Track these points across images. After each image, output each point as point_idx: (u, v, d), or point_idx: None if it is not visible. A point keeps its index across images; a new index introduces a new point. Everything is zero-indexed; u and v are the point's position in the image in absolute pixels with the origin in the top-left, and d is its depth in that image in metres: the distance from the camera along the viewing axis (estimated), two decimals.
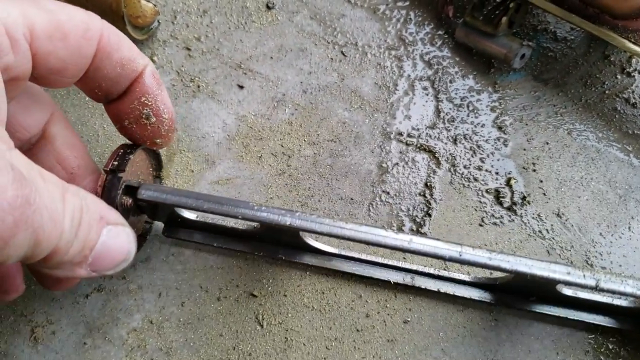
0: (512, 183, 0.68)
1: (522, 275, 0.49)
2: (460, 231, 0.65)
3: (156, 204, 0.54)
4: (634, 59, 0.76)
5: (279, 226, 0.51)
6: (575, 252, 0.64)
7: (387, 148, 0.70)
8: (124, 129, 0.52)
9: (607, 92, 0.74)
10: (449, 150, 0.70)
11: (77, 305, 0.60)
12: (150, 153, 0.58)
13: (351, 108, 0.72)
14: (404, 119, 0.72)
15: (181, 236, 0.61)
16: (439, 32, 0.78)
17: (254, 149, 0.69)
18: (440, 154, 0.69)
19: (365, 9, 0.80)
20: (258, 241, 0.61)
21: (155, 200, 0.52)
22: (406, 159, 0.69)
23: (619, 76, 0.75)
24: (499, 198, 0.67)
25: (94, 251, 0.41)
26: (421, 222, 0.65)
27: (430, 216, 0.65)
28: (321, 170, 0.68)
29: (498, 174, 0.68)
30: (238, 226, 0.60)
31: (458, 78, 0.75)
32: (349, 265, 0.61)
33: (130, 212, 0.53)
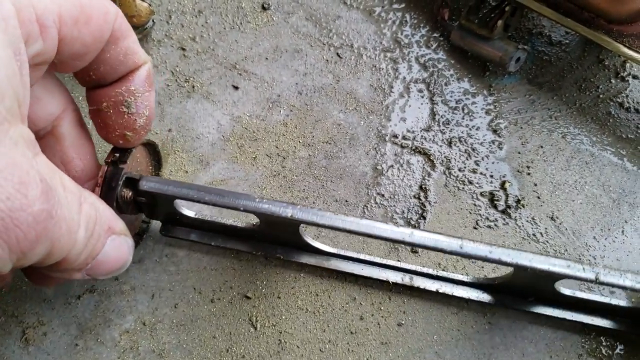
0: (507, 186, 0.68)
1: (522, 270, 0.50)
2: (454, 234, 0.65)
3: (156, 199, 0.53)
4: (628, 64, 0.77)
5: (280, 219, 0.51)
6: (569, 255, 0.64)
7: (382, 150, 0.70)
8: (98, 113, 0.48)
9: (601, 96, 0.75)
10: (444, 153, 0.70)
11: (69, 306, 0.59)
12: (151, 151, 0.58)
13: (346, 110, 0.72)
14: (399, 121, 0.72)
15: (178, 235, 0.61)
16: (435, 35, 0.78)
17: (248, 150, 0.69)
18: (435, 156, 0.69)
19: (360, 11, 0.80)
20: (256, 240, 0.61)
21: (156, 192, 0.51)
22: (401, 161, 0.69)
23: (613, 80, 0.76)
24: (493, 201, 0.67)
25: (95, 259, 0.41)
26: (416, 225, 0.65)
27: (424, 219, 0.65)
28: (316, 172, 0.68)
29: (493, 177, 0.68)
30: (237, 224, 0.59)
31: (453, 81, 0.75)
32: (347, 265, 0.61)
33: (129, 206, 0.53)
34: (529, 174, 0.69)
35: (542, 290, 0.56)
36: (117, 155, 0.50)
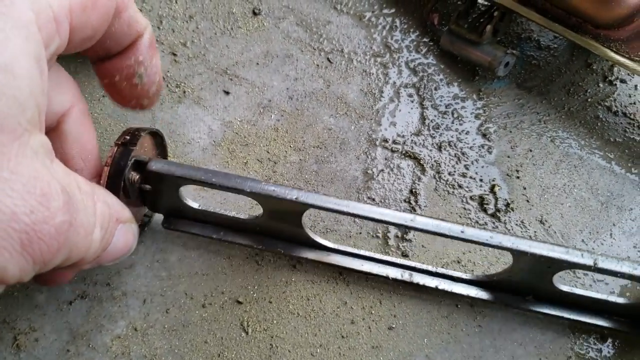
0: (496, 190, 0.68)
1: (521, 257, 0.51)
2: (444, 237, 0.65)
3: (161, 186, 0.54)
4: (615, 68, 0.77)
5: (284, 203, 0.52)
6: None
7: (372, 155, 0.70)
8: (112, 86, 0.48)
9: (589, 100, 0.75)
10: (434, 157, 0.70)
11: (61, 312, 0.59)
12: (158, 141, 0.58)
13: (337, 114, 0.73)
14: (389, 125, 0.72)
15: (180, 227, 0.61)
16: (424, 40, 0.79)
17: (239, 155, 0.69)
18: (425, 160, 0.70)
19: (351, 16, 0.80)
20: (258, 234, 0.61)
21: (164, 173, 0.52)
22: (391, 165, 0.69)
23: (601, 84, 0.76)
24: (483, 205, 0.67)
25: (104, 250, 0.41)
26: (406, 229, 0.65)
27: None
28: (307, 177, 0.68)
29: (482, 180, 0.69)
30: (239, 216, 0.59)
31: (443, 85, 0.76)
32: (347, 261, 0.61)
33: (135, 191, 0.53)
34: (518, 177, 0.70)
35: (540, 286, 0.56)
36: (127, 138, 0.50)
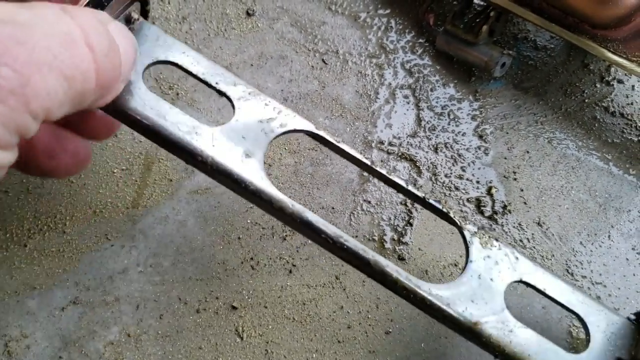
0: (493, 192, 0.68)
1: None
2: (441, 240, 0.65)
3: None
4: (612, 68, 0.77)
5: None
6: (556, 260, 0.64)
7: (368, 157, 0.69)
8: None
9: (586, 100, 0.75)
10: (430, 159, 0.69)
11: (53, 318, 0.58)
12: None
13: (332, 116, 0.72)
14: (385, 127, 0.71)
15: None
16: (420, 40, 0.78)
17: None
18: (422, 162, 0.69)
19: (346, 17, 0.79)
20: None
21: None
22: (387, 167, 0.69)
23: (598, 85, 0.76)
24: (480, 207, 0.67)
25: (121, 62, 0.40)
26: (402, 232, 0.65)
27: (411, 225, 0.65)
28: (302, 179, 0.67)
29: (479, 182, 0.68)
30: None
31: (439, 86, 0.75)
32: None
33: None
34: (515, 179, 0.69)
35: None
36: None
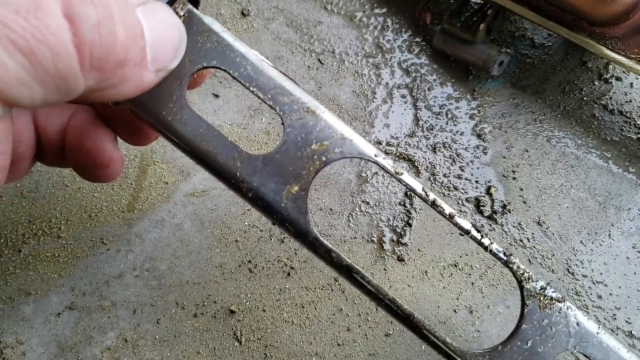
0: (492, 191, 0.67)
1: None
2: (441, 241, 0.64)
3: None
4: (610, 65, 0.76)
5: None
6: (557, 260, 0.64)
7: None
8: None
9: (585, 98, 0.74)
10: (429, 159, 0.69)
11: (49, 324, 0.58)
12: None
13: None
14: (382, 127, 0.71)
15: None
16: (417, 40, 0.77)
17: None
18: (420, 162, 0.68)
19: (342, 16, 0.79)
20: None
21: None
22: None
23: (596, 82, 0.75)
24: (479, 207, 0.66)
25: (146, 44, 0.33)
26: (401, 232, 0.64)
27: (410, 226, 0.64)
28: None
29: (478, 182, 0.68)
30: None
31: (436, 86, 0.74)
32: None
33: None
34: (514, 178, 0.68)
35: None
36: None
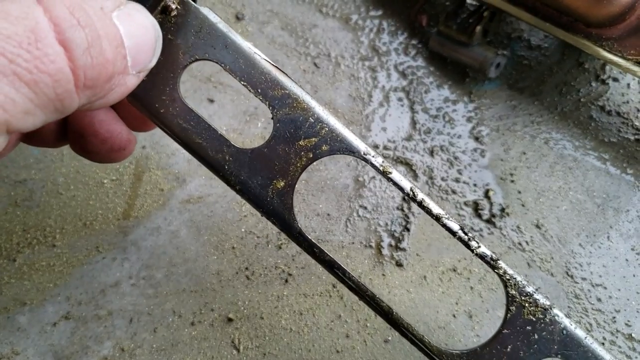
0: (491, 194, 0.67)
1: None
2: (439, 245, 0.64)
3: None
4: (607, 66, 0.76)
5: None
6: (556, 263, 0.63)
7: (363, 162, 0.68)
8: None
9: (582, 99, 0.74)
10: (426, 163, 0.68)
11: (45, 334, 0.57)
12: None
13: None
14: (379, 131, 0.70)
15: None
16: (413, 42, 0.77)
17: None
18: (417, 166, 0.68)
19: (337, 19, 0.78)
20: None
21: None
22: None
23: (593, 83, 0.75)
24: (477, 210, 0.66)
25: (127, 51, 0.34)
26: (400, 237, 0.64)
27: (408, 230, 0.64)
28: (297, 186, 0.66)
29: (476, 185, 0.67)
30: None
31: (433, 88, 0.74)
32: None
33: None
34: (512, 181, 0.68)
35: None
36: None
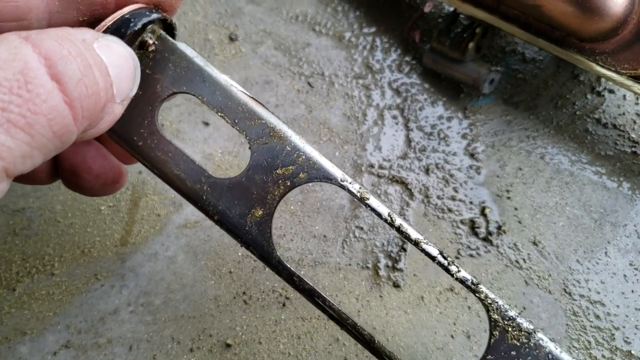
0: (487, 212, 0.66)
1: None
2: (436, 265, 0.63)
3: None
4: (602, 78, 0.76)
5: None
6: (553, 280, 0.63)
7: (358, 181, 0.68)
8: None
9: (577, 112, 0.74)
10: (422, 181, 0.68)
11: None
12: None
13: (320, 141, 0.71)
14: (374, 150, 0.70)
15: None
16: (406, 59, 0.77)
17: None
18: (413, 185, 0.68)
19: (330, 37, 0.78)
20: None
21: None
22: (378, 191, 0.68)
23: (589, 96, 0.75)
24: (474, 228, 0.66)
25: (110, 76, 0.35)
26: (396, 258, 0.64)
27: (405, 251, 0.64)
28: (292, 208, 0.66)
29: (472, 203, 0.67)
30: None
31: (427, 105, 0.74)
32: None
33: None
34: (508, 198, 0.68)
35: None
36: None
